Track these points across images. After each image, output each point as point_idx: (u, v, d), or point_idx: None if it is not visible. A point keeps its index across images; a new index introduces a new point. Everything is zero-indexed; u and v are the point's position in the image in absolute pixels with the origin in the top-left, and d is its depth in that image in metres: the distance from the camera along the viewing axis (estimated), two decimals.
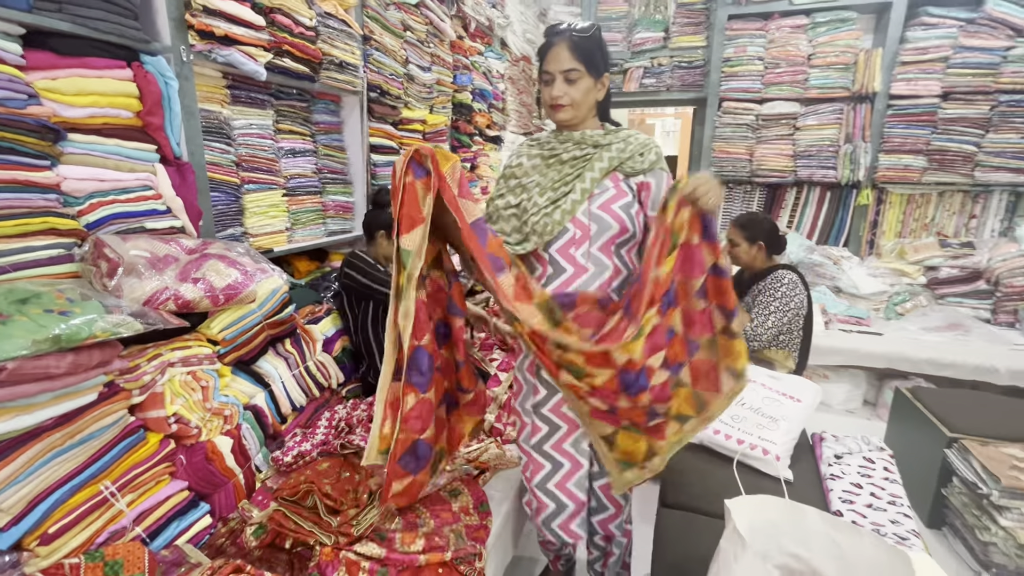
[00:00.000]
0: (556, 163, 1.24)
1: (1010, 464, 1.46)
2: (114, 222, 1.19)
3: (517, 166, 1.32)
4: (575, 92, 1.18)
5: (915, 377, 2.72)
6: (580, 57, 1.16)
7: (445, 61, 2.62)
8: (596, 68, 1.19)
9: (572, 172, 1.22)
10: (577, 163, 1.22)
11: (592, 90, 1.21)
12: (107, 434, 1.00)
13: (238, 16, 1.44)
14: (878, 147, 3.33)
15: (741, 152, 3.63)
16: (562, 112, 1.21)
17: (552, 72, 1.18)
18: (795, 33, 3.37)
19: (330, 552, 1.03)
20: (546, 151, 1.27)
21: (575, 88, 1.18)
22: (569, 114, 1.21)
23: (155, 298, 1.11)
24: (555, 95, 1.19)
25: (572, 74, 1.17)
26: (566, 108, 1.20)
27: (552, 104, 1.21)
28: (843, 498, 1.34)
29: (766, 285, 2.02)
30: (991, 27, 3.02)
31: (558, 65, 1.17)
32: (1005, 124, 3.08)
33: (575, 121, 1.23)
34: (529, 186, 1.26)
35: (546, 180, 1.24)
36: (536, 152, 1.29)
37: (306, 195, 1.89)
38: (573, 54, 1.16)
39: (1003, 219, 3.31)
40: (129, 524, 1.00)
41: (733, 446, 1.48)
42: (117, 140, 1.20)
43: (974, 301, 3.11)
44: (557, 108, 1.21)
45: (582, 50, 1.16)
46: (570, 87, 1.18)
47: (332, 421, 1.46)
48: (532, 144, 1.32)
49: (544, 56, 1.20)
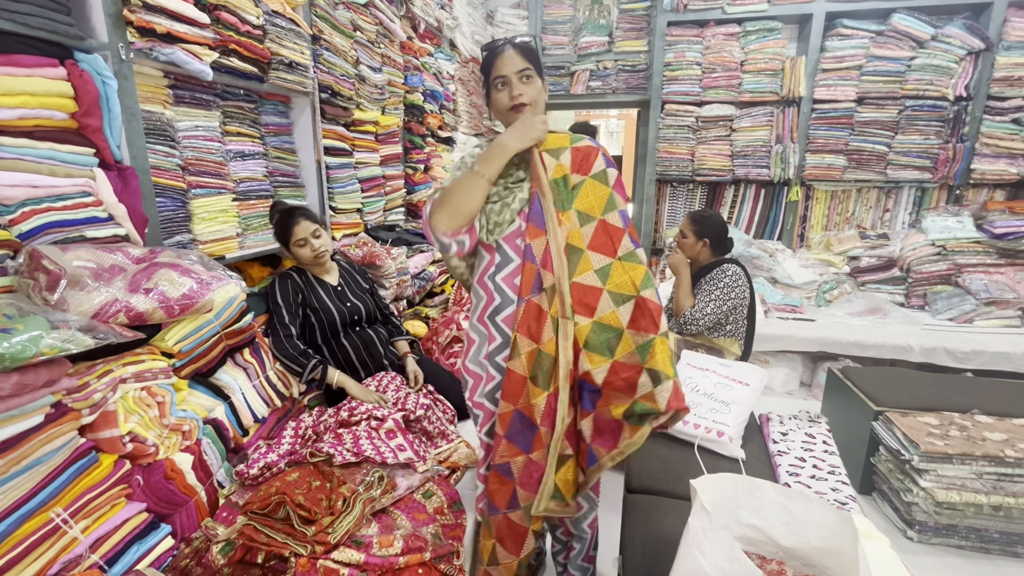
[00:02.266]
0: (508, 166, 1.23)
1: (927, 431, 1.63)
2: (50, 231, 1.11)
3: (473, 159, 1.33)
4: (531, 90, 1.21)
5: (844, 358, 2.97)
6: (529, 59, 1.20)
7: (396, 62, 2.59)
8: (540, 72, 1.23)
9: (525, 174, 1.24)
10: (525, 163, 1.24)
11: (542, 92, 1.24)
12: (56, 458, 0.94)
13: (180, 13, 1.37)
14: (805, 147, 3.60)
15: (683, 152, 3.81)
16: (524, 111, 1.21)
17: (507, 74, 1.19)
18: (729, 40, 3.59)
19: (306, 562, 1.01)
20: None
21: (531, 87, 1.20)
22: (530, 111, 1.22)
23: (104, 311, 1.05)
24: (515, 94, 1.19)
25: (527, 72, 1.19)
26: (527, 107, 1.21)
27: (513, 105, 1.21)
28: (790, 471, 1.45)
29: (711, 276, 2.18)
30: (897, 38, 3.34)
31: (512, 67, 1.19)
32: (910, 127, 3.42)
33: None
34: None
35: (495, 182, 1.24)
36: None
37: (257, 199, 1.83)
38: (523, 57, 1.19)
39: (911, 212, 3.68)
40: (85, 552, 0.95)
41: (691, 431, 1.57)
42: (51, 143, 1.12)
43: (890, 287, 3.44)
44: (518, 108, 1.21)
45: (529, 53, 1.20)
46: (527, 86, 1.20)
47: (298, 430, 1.43)
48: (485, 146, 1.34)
49: (493, 63, 1.21)
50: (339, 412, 1.50)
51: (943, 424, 1.67)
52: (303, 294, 1.77)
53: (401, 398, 1.64)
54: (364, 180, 2.38)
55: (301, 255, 1.77)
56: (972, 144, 3.36)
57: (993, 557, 1.49)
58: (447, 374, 1.99)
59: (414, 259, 2.56)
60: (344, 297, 1.85)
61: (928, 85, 3.33)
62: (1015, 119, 3.27)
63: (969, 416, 1.72)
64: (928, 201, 3.63)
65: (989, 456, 1.50)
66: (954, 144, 3.37)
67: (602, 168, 1.20)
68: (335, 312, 1.78)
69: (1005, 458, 1.45)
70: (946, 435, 1.60)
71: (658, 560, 1.14)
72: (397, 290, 2.35)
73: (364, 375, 1.81)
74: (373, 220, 2.49)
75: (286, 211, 1.76)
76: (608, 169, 1.20)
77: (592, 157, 1.22)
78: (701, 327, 2.16)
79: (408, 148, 2.80)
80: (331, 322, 1.77)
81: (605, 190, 1.18)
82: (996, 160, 3.35)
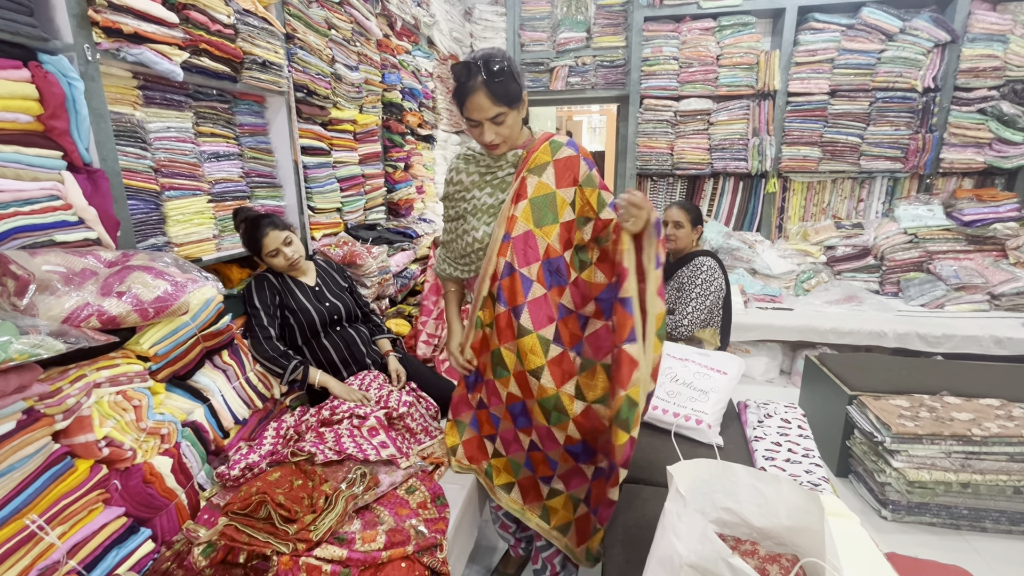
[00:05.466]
0: (493, 179, 1.34)
1: (898, 414, 1.68)
2: (18, 236, 1.09)
3: (457, 184, 1.40)
4: (504, 130, 1.23)
5: (821, 346, 3.04)
6: (502, 100, 1.18)
7: (373, 60, 2.58)
8: (516, 97, 1.22)
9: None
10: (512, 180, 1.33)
11: (517, 117, 1.25)
12: (29, 464, 0.93)
13: (148, 12, 1.35)
14: (781, 140, 3.67)
15: (662, 147, 3.85)
16: (498, 150, 1.29)
17: (478, 119, 1.21)
18: (704, 35, 3.63)
19: (288, 560, 1.02)
20: (482, 167, 1.36)
21: (504, 127, 1.23)
22: (505, 148, 1.30)
23: (75, 315, 1.04)
24: (487, 140, 1.24)
25: (499, 118, 1.21)
26: (500, 146, 1.27)
27: (487, 146, 1.28)
28: (766, 456, 1.49)
29: (686, 273, 2.16)
30: (867, 32, 3.41)
31: (482, 114, 1.19)
32: (881, 118, 3.50)
33: (509, 147, 1.31)
34: (470, 211, 1.36)
35: (483, 202, 1.34)
36: (473, 169, 1.37)
37: (234, 200, 1.81)
38: (494, 101, 1.18)
39: (884, 201, 3.76)
40: (62, 558, 0.94)
41: (669, 419, 1.60)
42: (16, 147, 1.10)
43: (865, 275, 3.52)
44: (493, 147, 1.28)
45: (500, 93, 1.17)
46: (500, 127, 1.22)
47: (280, 430, 1.42)
48: (468, 159, 1.39)
49: (463, 104, 1.21)
50: (321, 411, 1.50)
51: (913, 406, 1.72)
52: (280, 296, 1.75)
53: (384, 396, 1.65)
54: (343, 179, 2.37)
55: (275, 264, 1.75)
56: (941, 134, 3.45)
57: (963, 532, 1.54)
58: (430, 371, 2.00)
59: (395, 257, 2.55)
60: (322, 297, 1.84)
61: (898, 77, 3.41)
62: (981, 109, 3.37)
63: (938, 398, 1.78)
64: (900, 190, 3.72)
65: (957, 435, 1.55)
66: (923, 134, 3.46)
67: (587, 173, 1.29)
68: (314, 312, 1.77)
69: (972, 437, 1.50)
70: (916, 416, 1.65)
71: (637, 546, 1.16)
72: (379, 289, 2.35)
73: (347, 374, 1.81)
74: (353, 219, 2.48)
75: (251, 222, 1.72)
76: (592, 172, 1.29)
77: (576, 166, 1.30)
78: (689, 331, 2.12)
79: (388, 146, 2.79)
80: (310, 323, 1.77)
81: (594, 192, 1.28)
82: (964, 149, 3.44)
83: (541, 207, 1.29)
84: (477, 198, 1.36)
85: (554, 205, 1.29)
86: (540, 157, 1.29)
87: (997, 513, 1.51)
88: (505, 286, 1.29)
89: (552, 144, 1.31)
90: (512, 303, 1.29)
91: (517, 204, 1.29)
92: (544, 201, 1.29)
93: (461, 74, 1.18)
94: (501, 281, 1.30)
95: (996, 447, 1.50)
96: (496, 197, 1.33)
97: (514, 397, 1.34)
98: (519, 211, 1.28)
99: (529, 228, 1.29)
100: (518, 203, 1.29)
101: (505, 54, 1.20)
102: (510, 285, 1.29)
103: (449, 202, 1.44)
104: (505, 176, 1.34)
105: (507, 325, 1.30)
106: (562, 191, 1.30)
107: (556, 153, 1.30)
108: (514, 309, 1.28)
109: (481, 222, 1.34)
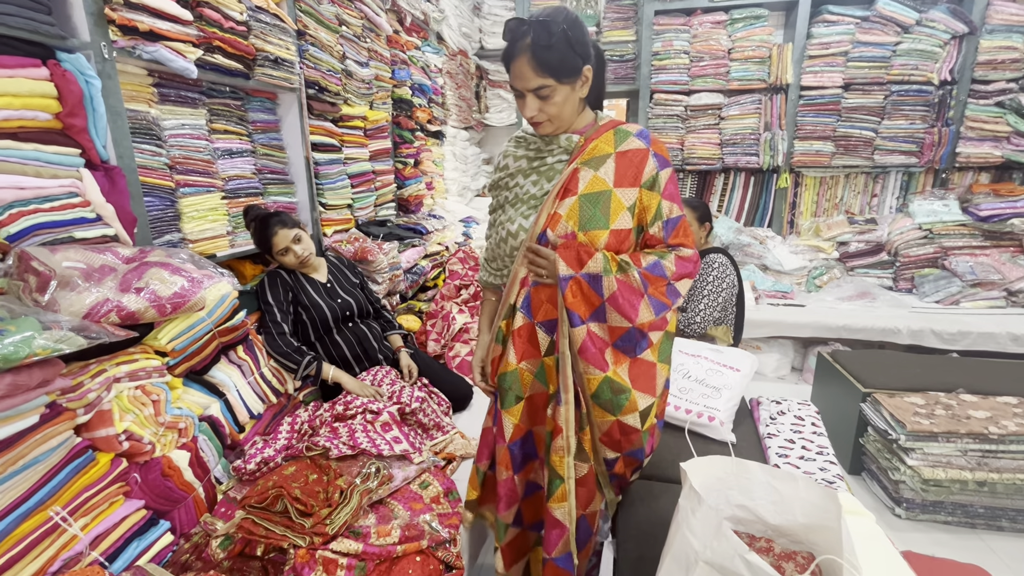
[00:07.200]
0: (540, 166, 1.14)
1: (913, 411, 1.66)
2: (38, 233, 1.11)
3: (503, 170, 1.21)
4: (551, 108, 1.04)
5: (833, 342, 3.01)
6: (548, 71, 0.99)
7: (383, 56, 2.58)
8: (571, 71, 1.01)
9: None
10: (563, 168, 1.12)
11: (572, 95, 1.05)
12: (53, 457, 0.95)
13: (162, 10, 1.36)
14: (793, 134, 3.62)
15: (673, 142, 3.82)
16: (542, 128, 1.09)
17: (520, 89, 1.03)
18: (715, 29, 3.59)
19: (305, 553, 1.03)
20: (531, 151, 1.17)
21: (550, 104, 1.03)
22: (550, 128, 1.09)
23: (95, 311, 1.05)
24: (528, 115, 1.05)
25: (543, 91, 1.01)
26: (544, 124, 1.07)
27: (529, 121, 1.09)
28: (779, 453, 1.48)
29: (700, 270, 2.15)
30: (882, 24, 3.36)
31: (524, 83, 1.02)
32: (896, 112, 3.44)
33: (561, 130, 1.11)
34: (511, 201, 1.18)
35: (526, 191, 1.15)
36: (522, 153, 1.18)
37: (247, 197, 1.82)
38: (539, 71, 0.99)
39: (899, 197, 3.71)
40: (85, 548, 0.96)
41: (682, 416, 1.60)
42: (36, 144, 1.12)
43: (878, 271, 3.48)
44: (536, 124, 1.09)
45: (548, 63, 0.98)
46: (545, 103, 1.03)
47: (295, 425, 1.44)
48: (519, 142, 1.20)
49: (507, 67, 1.04)
50: (334, 406, 1.51)
51: (929, 404, 1.70)
52: (293, 292, 1.77)
53: (396, 391, 1.66)
54: (354, 176, 2.38)
55: (285, 262, 1.77)
56: (957, 128, 3.39)
57: (978, 531, 1.53)
58: (441, 367, 2.01)
59: (406, 254, 2.56)
60: (334, 293, 1.85)
61: (913, 70, 3.35)
62: (999, 102, 3.30)
63: (954, 395, 1.76)
64: (915, 185, 3.67)
65: (973, 433, 1.53)
66: (939, 128, 3.41)
67: (653, 174, 1.07)
68: (326, 308, 1.79)
69: (989, 435, 1.49)
70: (932, 414, 1.63)
71: (650, 542, 1.16)
72: (390, 285, 2.36)
73: (359, 370, 1.82)
74: (364, 216, 2.49)
75: (261, 221, 1.73)
76: (660, 173, 1.07)
77: (642, 163, 1.07)
78: (702, 328, 2.09)
79: (397, 143, 2.79)
80: (323, 319, 1.78)
81: (655, 198, 1.08)
82: (981, 143, 3.38)
83: (591, 207, 1.06)
84: (520, 186, 1.16)
85: (607, 207, 1.06)
86: (600, 147, 1.08)
87: (1014, 512, 1.49)
88: (532, 295, 1.10)
89: (618, 133, 1.09)
90: (537, 316, 1.10)
91: (563, 200, 1.07)
92: (596, 200, 1.06)
93: (509, 32, 1.02)
94: (530, 288, 1.11)
95: (1014, 445, 1.48)
96: (541, 187, 1.12)
97: (520, 430, 1.14)
98: (564, 208, 1.07)
99: (572, 230, 1.06)
100: (564, 199, 1.07)
101: (572, 17, 1.01)
102: (537, 294, 1.10)
103: (494, 191, 1.24)
104: (555, 163, 1.12)
105: (529, 340, 1.11)
106: (620, 191, 1.06)
107: (621, 144, 1.08)
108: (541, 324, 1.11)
109: (519, 213, 1.13)
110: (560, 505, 1.09)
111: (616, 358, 1.07)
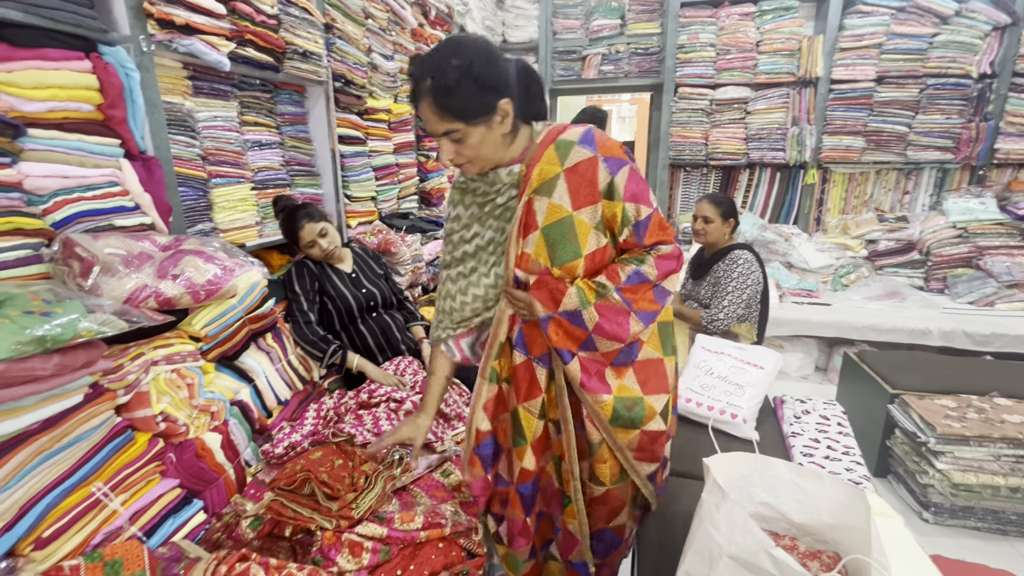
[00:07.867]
0: (493, 209, 1.06)
1: (944, 414, 1.63)
2: (81, 220, 1.15)
3: (455, 220, 1.13)
4: (467, 151, 0.96)
5: (860, 343, 2.95)
6: (453, 115, 0.91)
7: (407, 49, 2.60)
8: (480, 110, 0.91)
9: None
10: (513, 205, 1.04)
11: (488, 133, 0.94)
12: (95, 435, 0.99)
13: (198, 4, 1.39)
14: (822, 129, 3.54)
15: (697, 136, 3.77)
16: (466, 170, 1.02)
17: (430, 133, 0.97)
18: (743, 21, 3.52)
19: (332, 535, 1.05)
20: (479, 196, 1.08)
21: (465, 146, 0.95)
22: (476, 168, 1.00)
23: (135, 296, 1.09)
24: (446, 160, 0.97)
25: (454, 135, 0.93)
26: (466, 166, 1.00)
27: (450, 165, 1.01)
28: (804, 452, 1.46)
29: (722, 268, 2.11)
30: (919, 15, 3.25)
31: (432, 128, 0.95)
32: (932, 106, 3.33)
33: (490, 166, 1.01)
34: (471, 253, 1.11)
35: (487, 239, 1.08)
36: (470, 200, 1.10)
37: (275, 188, 1.86)
38: (443, 116, 0.91)
39: (932, 194, 3.60)
40: (125, 523, 1.00)
41: (705, 412, 1.59)
42: (79, 135, 1.16)
43: (909, 270, 3.39)
44: (459, 167, 1.02)
45: (451, 107, 0.90)
46: (460, 146, 0.95)
47: (320, 412, 1.47)
48: (463, 190, 1.11)
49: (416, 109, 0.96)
50: (359, 394, 1.54)
51: (960, 407, 1.66)
52: (319, 282, 1.80)
53: (419, 381, 1.68)
54: (378, 168, 2.41)
55: (311, 254, 1.80)
56: (996, 123, 3.27)
57: (1010, 538, 1.49)
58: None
59: (428, 246, 2.58)
60: (359, 284, 1.88)
61: (951, 63, 3.24)
62: None
63: (988, 399, 1.71)
64: (949, 182, 3.55)
65: (1008, 438, 1.49)
66: (977, 123, 3.29)
67: (608, 182, 0.97)
68: (351, 298, 1.82)
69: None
70: (963, 417, 1.59)
71: (672, 537, 1.16)
72: (412, 277, 2.38)
73: (382, 360, 1.85)
74: (387, 208, 2.51)
75: (289, 213, 1.77)
76: (615, 178, 0.97)
77: (594, 174, 0.97)
78: (726, 325, 2.06)
79: (420, 136, 2.81)
80: (347, 309, 1.81)
81: (616, 206, 0.98)
82: (1021, 139, 3.26)
83: (558, 238, 0.98)
84: (480, 235, 1.09)
85: (573, 234, 0.98)
86: (546, 169, 0.98)
87: None
88: (525, 330, 1.05)
89: (559, 147, 0.99)
90: (533, 351, 1.05)
91: (527, 237, 0.99)
92: (560, 229, 0.98)
93: (410, 74, 0.95)
94: (521, 325, 1.05)
95: None
96: (503, 232, 1.05)
97: (527, 474, 1.08)
98: (531, 246, 0.99)
99: (546, 266, 0.99)
100: (527, 235, 0.99)
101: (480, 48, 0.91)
102: (530, 330, 1.04)
103: (448, 245, 1.14)
104: (508, 202, 1.04)
105: (527, 379, 1.05)
106: (581, 213, 0.98)
107: (566, 159, 0.98)
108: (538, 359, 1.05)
109: (490, 266, 1.08)
110: (571, 521, 1.13)
111: (618, 372, 1.05)
